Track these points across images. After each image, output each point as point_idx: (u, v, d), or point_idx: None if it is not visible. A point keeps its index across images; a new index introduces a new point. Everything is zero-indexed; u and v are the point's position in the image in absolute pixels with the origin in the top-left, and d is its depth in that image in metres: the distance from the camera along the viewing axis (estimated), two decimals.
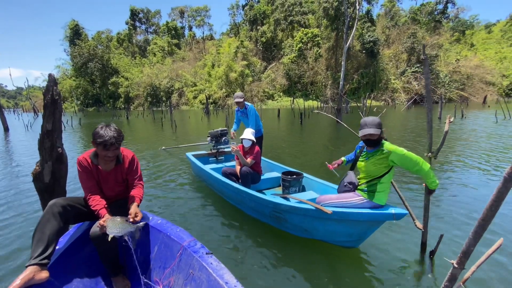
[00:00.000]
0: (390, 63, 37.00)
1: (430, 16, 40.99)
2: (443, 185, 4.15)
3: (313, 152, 7.01)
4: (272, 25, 41.11)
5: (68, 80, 46.67)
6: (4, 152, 8.13)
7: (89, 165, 1.83)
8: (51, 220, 1.61)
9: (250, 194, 2.88)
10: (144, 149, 7.89)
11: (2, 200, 3.98)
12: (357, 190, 2.32)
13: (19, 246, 2.71)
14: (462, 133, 9.23)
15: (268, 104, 34.98)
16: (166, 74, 41.06)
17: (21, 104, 62.95)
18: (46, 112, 2.63)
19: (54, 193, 2.80)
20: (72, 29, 45.28)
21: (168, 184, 4.60)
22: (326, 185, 3.24)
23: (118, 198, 2.05)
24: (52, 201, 1.73)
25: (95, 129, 1.73)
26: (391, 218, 2.12)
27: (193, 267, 1.62)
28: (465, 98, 33.34)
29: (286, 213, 2.58)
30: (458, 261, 1.45)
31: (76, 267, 1.78)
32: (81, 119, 20.96)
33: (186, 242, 1.76)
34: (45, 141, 2.67)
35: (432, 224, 2.73)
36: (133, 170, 2.00)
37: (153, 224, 2.01)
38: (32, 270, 1.43)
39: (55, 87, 2.67)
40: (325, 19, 36.34)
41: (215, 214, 3.38)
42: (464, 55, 38.71)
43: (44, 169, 2.74)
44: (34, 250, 1.50)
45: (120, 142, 1.79)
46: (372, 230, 2.31)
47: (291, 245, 2.64)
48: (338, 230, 2.34)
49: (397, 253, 2.43)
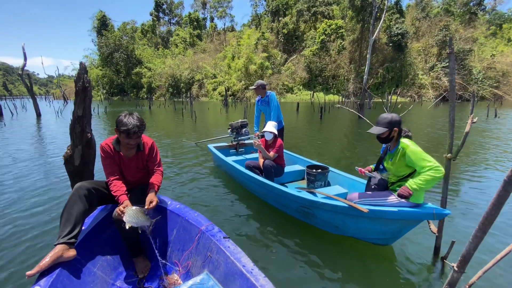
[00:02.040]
0: (418, 57, 35.02)
1: (465, 8, 38.07)
2: (464, 187, 3.93)
3: (334, 148, 6.85)
4: (295, 16, 40.15)
5: (95, 69, 48.69)
6: (37, 136, 8.68)
7: (112, 151, 1.89)
8: (77, 202, 1.69)
9: (277, 189, 2.83)
10: (166, 138, 8.11)
11: (37, 180, 4.26)
12: (391, 190, 2.24)
13: (54, 225, 2.89)
14: (493, 133, 8.62)
15: (287, 98, 34.54)
16: (187, 66, 41.66)
17: (52, 91, 66.76)
18: (77, 99, 2.74)
19: (83, 176, 2.95)
20: (99, 20, 46.97)
21: (190, 172, 4.68)
22: (354, 179, 3.15)
23: (139, 183, 2.11)
24: (78, 184, 1.80)
25: (118, 117, 1.78)
26: (432, 217, 2.03)
27: (211, 250, 1.67)
28: (500, 97, 31.05)
29: (315, 209, 2.52)
30: (458, 265, 1.39)
31: (100, 247, 1.87)
32: (106, 107, 21.83)
33: (204, 226, 1.80)
34: (76, 126, 2.80)
35: (447, 229, 2.59)
36: (153, 157, 2.05)
37: (172, 208, 2.07)
38: (61, 249, 1.50)
39: (85, 75, 2.77)
40: (351, 10, 34.89)
41: (238, 204, 3.40)
42: (500, 51, 35.81)
43: (75, 153, 2.87)
44: (62, 229, 1.58)
45: (142, 131, 1.83)
46: (408, 229, 2.23)
47: (316, 237, 2.61)
48: (371, 228, 2.27)
49: (409, 255, 2.35)
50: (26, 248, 2.43)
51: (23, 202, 3.44)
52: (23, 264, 2.18)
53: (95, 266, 1.74)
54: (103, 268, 1.78)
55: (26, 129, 10.29)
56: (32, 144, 7.23)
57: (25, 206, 3.32)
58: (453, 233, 2.63)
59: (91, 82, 2.85)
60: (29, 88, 15.61)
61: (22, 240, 2.57)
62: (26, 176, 4.44)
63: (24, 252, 2.37)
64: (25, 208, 3.26)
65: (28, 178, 4.37)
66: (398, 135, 2.15)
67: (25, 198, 3.57)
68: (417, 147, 2.03)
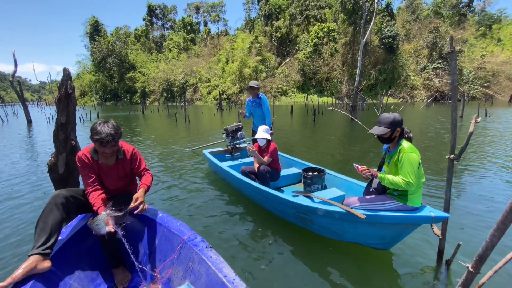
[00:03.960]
0: (410, 59, 35.55)
1: (454, 10, 38.86)
2: (464, 189, 3.95)
3: (327, 150, 6.88)
4: (288, 20, 40.50)
5: (88, 75, 48.26)
6: (27, 143, 8.54)
7: (89, 160, 1.83)
8: (53, 211, 1.63)
9: (272, 195, 2.78)
10: (158, 144, 8.05)
11: (21, 188, 4.17)
12: (388, 194, 2.22)
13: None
14: (486, 132, 8.75)
15: (281, 100, 34.68)
16: (181, 70, 41.59)
17: (44, 98, 65.93)
18: (60, 106, 2.71)
19: (68, 184, 2.90)
20: (92, 25, 46.73)
21: (183, 179, 4.62)
22: (351, 182, 3.12)
23: (121, 191, 2.06)
24: (55, 192, 1.75)
25: (93, 124, 1.74)
26: (430, 221, 2.01)
27: (192, 260, 1.64)
28: (490, 96, 31.59)
29: (312, 215, 2.47)
30: (474, 265, 1.37)
31: (78, 258, 1.82)
32: (99, 112, 21.65)
33: (186, 236, 1.77)
34: (59, 134, 2.76)
35: (450, 231, 2.57)
36: (137, 164, 2.01)
37: (154, 217, 2.04)
38: (35, 260, 1.44)
39: (69, 81, 2.74)
40: (343, 13, 35.35)
41: (234, 210, 3.35)
42: (490, 51, 36.52)
43: (59, 160, 2.82)
44: (37, 239, 1.52)
45: (118, 139, 1.77)
46: (407, 233, 2.21)
47: (314, 243, 2.57)
48: (370, 232, 2.25)
49: (412, 258, 2.33)
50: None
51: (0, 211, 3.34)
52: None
53: (72, 278, 1.68)
54: (80, 280, 1.72)
55: (16, 136, 10.12)
56: (19, 151, 7.11)
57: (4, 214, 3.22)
58: (455, 235, 2.60)
59: (74, 89, 2.81)
60: (19, 95, 15.42)
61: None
62: (5, 182, 4.35)
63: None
64: (5, 216, 3.17)
65: (10, 185, 4.28)
66: (400, 136, 2.12)
67: (3, 207, 3.47)
68: (414, 154, 2.00)
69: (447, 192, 2.16)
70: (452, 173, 2.11)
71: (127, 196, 1.98)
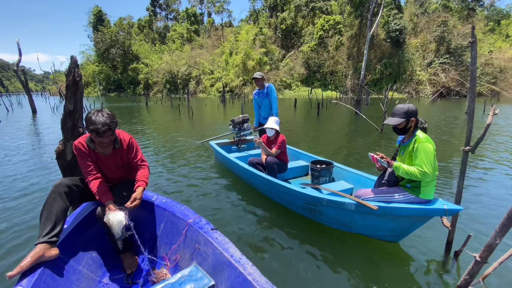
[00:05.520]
0: (416, 53, 34.98)
1: (463, 3, 37.99)
2: (474, 183, 3.92)
3: (330, 144, 6.86)
4: (293, 12, 39.85)
5: (91, 65, 48.17)
6: (32, 132, 8.61)
7: (86, 149, 1.80)
8: (57, 200, 1.63)
9: (282, 186, 2.77)
10: (163, 135, 8.08)
11: (28, 177, 4.23)
12: (400, 186, 2.20)
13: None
14: (493, 127, 8.66)
15: (285, 94, 34.45)
16: (184, 61, 41.34)
17: (48, 87, 66.06)
18: (68, 93, 2.71)
19: (75, 171, 2.93)
20: (95, 15, 46.33)
21: (191, 169, 4.63)
22: (359, 174, 3.11)
23: (121, 180, 2.04)
24: (58, 181, 1.75)
25: (87, 114, 1.68)
26: (443, 213, 1.99)
27: (198, 242, 1.67)
28: (497, 93, 31.13)
29: (321, 206, 2.47)
30: (481, 255, 1.38)
31: (85, 245, 1.84)
32: (103, 103, 21.62)
33: (191, 219, 1.80)
34: (67, 121, 2.77)
35: (460, 223, 2.58)
36: (134, 154, 1.97)
37: (158, 203, 2.06)
38: (42, 248, 1.46)
39: (76, 69, 2.74)
40: (349, 5, 34.72)
41: (242, 201, 3.36)
42: (498, 47, 35.80)
43: (67, 147, 2.85)
44: (43, 228, 1.53)
45: (114, 128, 1.73)
46: (418, 225, 2.20)
47: (321, 234, 2.58)
48: (380, 224, 2.24)
49: (420, 249, 2.34)
50: (8, 249, 2.34)
51: (7, 200, 3.36)
52: (3, 264, 2.12)
53: (80, 264, 1.71)
54: (89, 266, 1.75)
55: (21, 125, 10.21)
56: (25, 138, 7.18)
57: (11, 204, 3.24)
58: (462, 228, 2.61)
59: (82, 76, 2.82)
60: (24, 84, 15.46)
61: (3, 239, 2.50)
62: (14, 171, 4.41)
63: (5, 252, 2.29)
64: (12, 206, 3.18)
65: (17, 174, 4.34)
66: (415, 126, 2.11)
67: (10, 195, 3.49)
68: (430, 144, 1.97)
69: (460, 184, 2.13)
70: (466, 165, 2.07)
71: (127, 183, 1.96)
